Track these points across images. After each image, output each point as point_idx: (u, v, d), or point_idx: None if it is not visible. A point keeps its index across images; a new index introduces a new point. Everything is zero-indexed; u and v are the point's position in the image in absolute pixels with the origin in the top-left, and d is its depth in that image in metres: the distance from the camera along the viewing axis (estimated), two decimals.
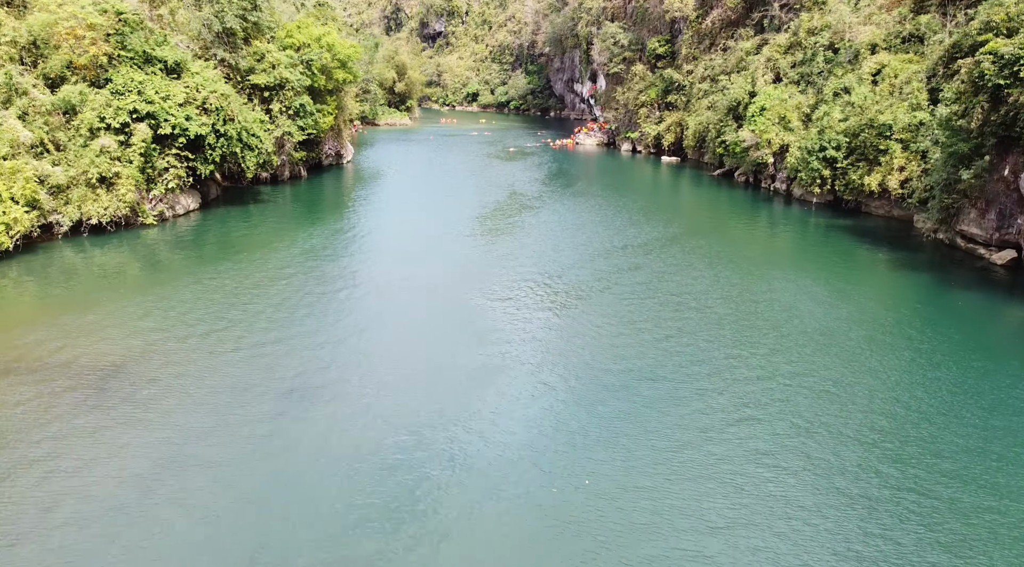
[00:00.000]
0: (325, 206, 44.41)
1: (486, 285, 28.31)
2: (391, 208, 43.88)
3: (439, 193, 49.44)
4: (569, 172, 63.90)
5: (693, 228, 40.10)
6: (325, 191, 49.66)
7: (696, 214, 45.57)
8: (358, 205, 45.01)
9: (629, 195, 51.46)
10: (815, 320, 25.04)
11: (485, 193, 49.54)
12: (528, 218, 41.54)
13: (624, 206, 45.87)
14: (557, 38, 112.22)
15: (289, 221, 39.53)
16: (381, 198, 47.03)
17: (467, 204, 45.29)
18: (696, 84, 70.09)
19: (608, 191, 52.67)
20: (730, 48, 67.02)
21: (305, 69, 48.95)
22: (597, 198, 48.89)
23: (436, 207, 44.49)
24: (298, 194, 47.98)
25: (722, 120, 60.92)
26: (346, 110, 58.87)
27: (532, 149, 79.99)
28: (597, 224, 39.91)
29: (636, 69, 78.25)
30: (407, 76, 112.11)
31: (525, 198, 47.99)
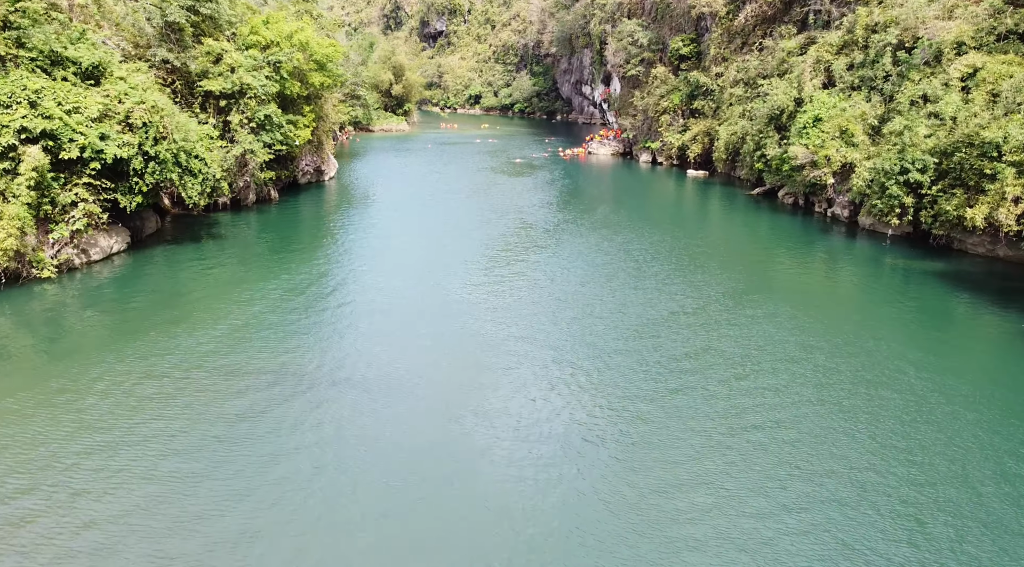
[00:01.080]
0: (294, 242, 35.54)
1: (488, 400, 19.42)
2: (374, 246, 34.99)
3: (434, 223, 40.54)
4: (585, 191, 54.96)
5: (753, 278, 31.16)
6: (297, 220, 40.76)
7: (749, 254, 36.62)
8: (335, 241, 36.13)
9: (660, 225, 42.53)
10: (931, 410, 16.15)
11: (489, 223, 40.63)
12: (542, 262, 32.64)
13: (658, 244, 36.92)
14: (566, 37, 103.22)
15: (244, 266, 30.66)
16: (363, 231, 38.15)
17: (467, 240, 36.40)
18: (727, 89, 61.16)
19: (634, 219, 43.75)
20: (767, 48, 58.07)
21: (272, 72, 40.09)
22: (623, 230, 39.95)
23: (429, 244, 35.59)
24: (264, 224, 39.12)
25: (762, 131, 52.02)
26: (327, 119, 50.04)
27: (540, 161, 71.07)
28: (630, 274, 30.96)
29: (657, 71, 69.29)
30: (405, 78, 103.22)
31: (537, 231, 39.06)
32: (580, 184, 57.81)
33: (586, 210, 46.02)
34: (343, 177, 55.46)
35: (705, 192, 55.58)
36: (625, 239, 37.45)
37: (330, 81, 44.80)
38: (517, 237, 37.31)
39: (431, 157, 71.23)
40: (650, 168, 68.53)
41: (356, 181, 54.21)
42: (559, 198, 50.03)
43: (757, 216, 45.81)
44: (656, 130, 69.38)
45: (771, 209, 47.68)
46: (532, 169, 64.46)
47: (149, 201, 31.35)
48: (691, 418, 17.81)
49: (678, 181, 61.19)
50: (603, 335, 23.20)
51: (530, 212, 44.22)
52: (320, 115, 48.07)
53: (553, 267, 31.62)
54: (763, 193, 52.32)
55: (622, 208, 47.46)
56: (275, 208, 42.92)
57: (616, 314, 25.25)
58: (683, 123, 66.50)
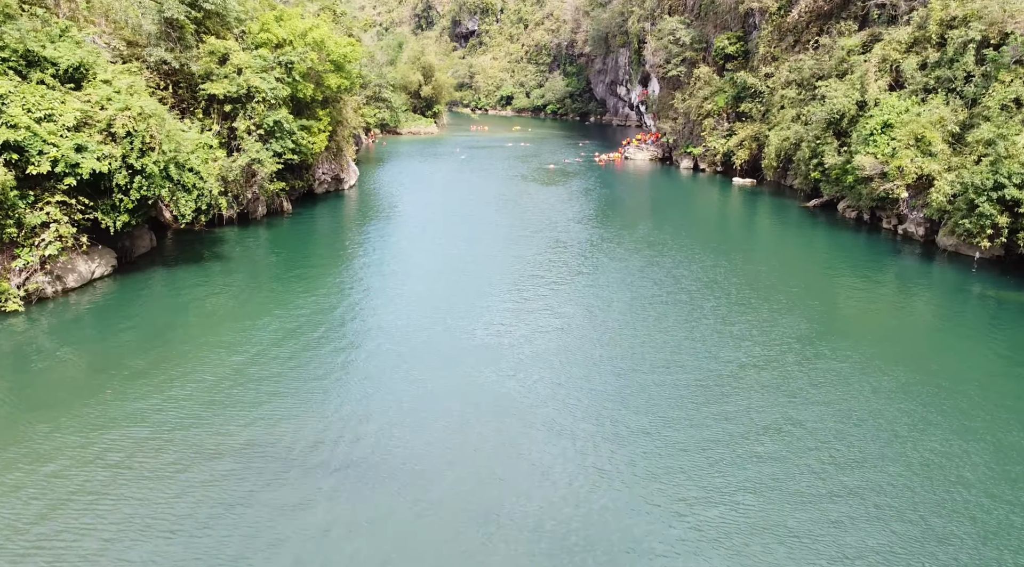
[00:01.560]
0: (300, 265, 31.75)
1: (512, 501, 15.22)
2: (389, 269, 31.02)
3: (458, 241, 36.47)
4: (624, 203, 50.47)
5: (826, 314, 26.53)
6: (308, 237, 36.97)
7: (816, 282, 31.94)
8: (346, 264, 32.26)
9: (711, 244, 37.95)
10: None
11: (519, 242, 36.45)
12: (579, 293, 28.37)
13: (711, 269, 32.41)
14: (601, 36, 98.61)
15: (241, 296, 26.89)
16: (379, 251, 34.23)
17: (495, 263, 32.27)
18: (778, 90, 56.18)
19: (681, 237, 39.22)
20: (824, 46, 53.01)
21: (284, 74, 36.31)
22: (670, 251, 35.48)
23: (452, 268, 31.53)
24: (272, 241, 35.41)
25: (819, 137, 47.08)
26: (347, 124, 46.25)
27: (574, 167, 66.66)
28: (683, 311, 26.50)
29: (700, 71, 64.44)
30: (434, 79, 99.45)
31: (572, 253, 34.77)
32: (618, 194, 53.33)
33: (626, 226, 41.57)
34: (364, 185, 51.67)
35: (755, 203, 50.76)
36: (673, 263, 32.99)
37: (347, 83, 40.90)
38: (550, 260, 33.06)
39: (459, 162, 67.25)
40: (691, 175, 63.77)
41: (377, 190, 50.40)
42: (596, 211, 45.64)
43: (816, 232, 40.98)
44: (698, 134, 64.55)
45: (831, 224, 42.79)
46: (566, 176, 60.12)
47: (138, 219, 27.68)
48: (781, 536, 13.41)
49: (723, 190, 56.41)
50: (656, 400, 18.83)
51: (564, 228, 39.92)
52: (339, 120, 44.27)
53: (592, 300, 27.31)
54: (820, 205, 47.37)
55: (666, 223, 42.93)
56: (287, 222, 39.19)
57: (671, 368, 20.87)
58: (728, 127, 61.60)
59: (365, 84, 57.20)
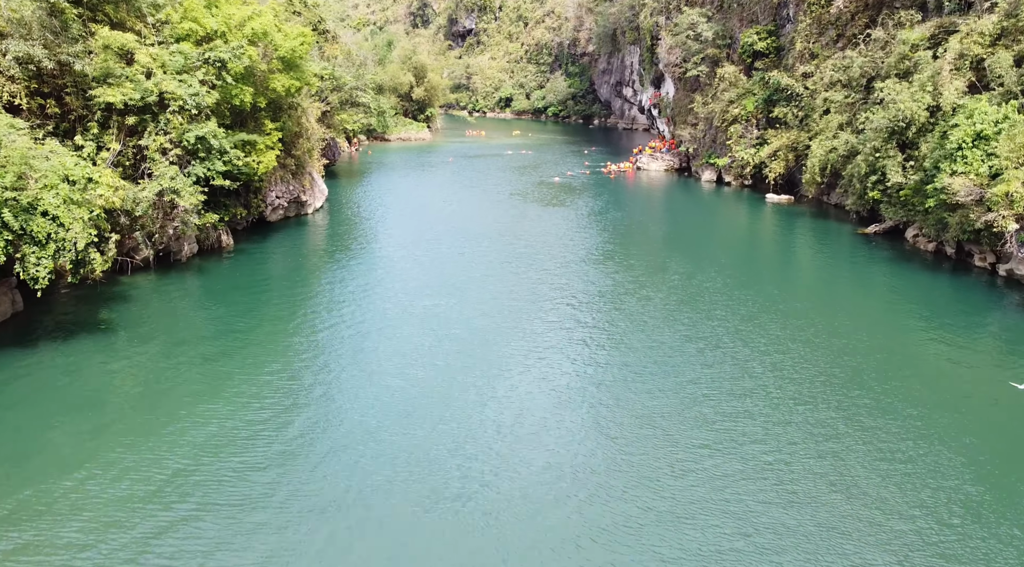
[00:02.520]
0: (241, 323, 23.26)
1: None
2: (359, 328, 22.48)
3: (441, 289, 27.92)
4: (642, 230, 41.75)
5: (944, 410, 17.99)
6: (253, 283, 28.37)
7: (898, 341, 23.35)
8: (302, 319, 23.73)
9: (762, 290, 29.34)
10: None
11: (520, 289, 27.90)
12: (596, 369, 19.78)
13: (769, 333, 23.81)
14: (608, 33, 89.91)
15: (154, 375, 18.41)
16: (345, 300, 25.71)
17: (489, 322, 23.73)
18: (819, 93, 47.58)
19: (720, 278, 30.64)
20: (877, 40, 44.42)
21: (214, 75, 27.73)
22: (708, 303, 26.90)
23: (432, 333, 22.97)
24: (204, 291, 26.89)
25: (878, 149, 38.50)
26: (309, 135, 37.62)
27: (581, 179, 58.02)
28: (736, 402, 18.00)
29: (724, 71, 55.80)
30: (427, 80, 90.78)
31: (586, 315, 26.16)
32: (634, 218, 44.66)
33: (651, 268, 32.94)
34: (334, 208, 43.03)
35: (797, 227, 42.15)
36: (718, 324, 24.37)
37: (299, 84, 32.17)
38: (558, 321, 24.46)
39: (451, 175, 58.60)
40: (715, 189, 55.15)
41: (348, 215, 41.74)
42: (611, 246, 36.99)
43: (884, 269, 32.42)
44: (723, 143, 55.92)
45: (900, 258, 34.23)
46: (572, 193, 51.50)
47: None
48: None
49: (755, 209, 47.81)
50: (705, 547, 10.33)
51: (574, 270, 31.36)
52: (297, 130, 35.70)
53: (615, 382, 18.75)
54: (882, 232, 38.78)
55: (698, 259, 34.28)
56: (226, 263, 30.60)
57: (722, 497, 12.32)
58: (759, 135, 52.98)
59: (338, 86, 48.64)
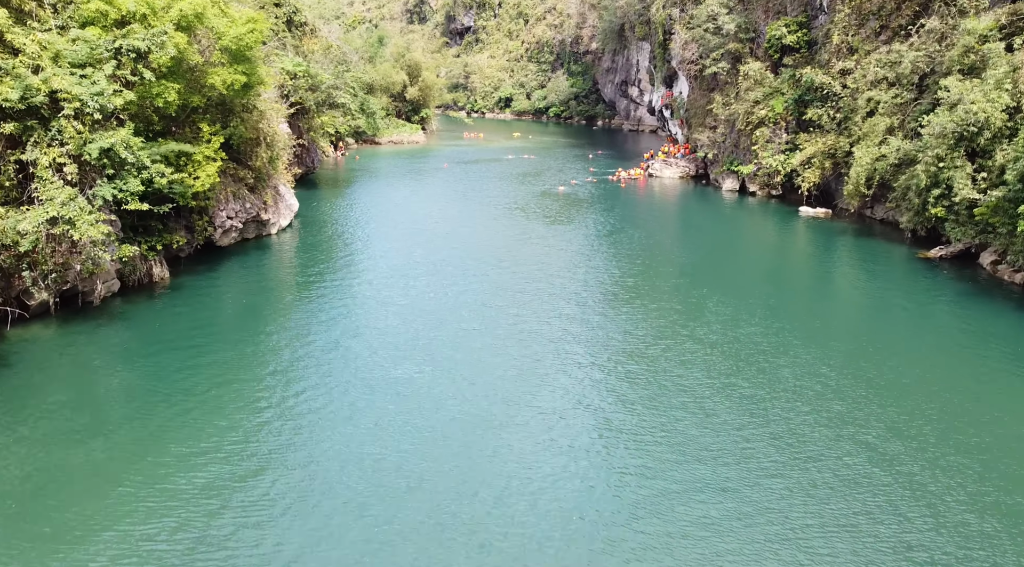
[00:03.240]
0: (164, 391, 17.17)
1: None
2: (304, 437, 16.33)
3: (429, 346, 21.80)
4: (667, 251, 35.47)
5: None
6: (179, 337, 22.11)
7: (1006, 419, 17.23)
8: (246, 383, 17.62)
9: (824, 342, 23.23)
10: None
11: (524, 349, 21.76)
12: (633, 473, 13.68)
13: (850, 404, 17.77)
14: (615, 29, 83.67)
15: (47, 472, 12.28)
16: (297, 370, 19.63)
17: (485, 404, 17.62)
18: (862, 92, 41.38)
19: (771, 321, 24.52)
20: (932, 31, 38.26)
21: (129, 69, 21.57)
22: (773, 363, 20.80)
23: (410, 429, 16.87)
24: (119, 345, 20.81)
25: (942, 157, 32.40)
26: (271, 142, 31.38)
27: (588, 188, 51.83)
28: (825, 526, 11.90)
29: (748, 68, 49.61)
30: (421, 79, 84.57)
31: (614, 373, 20.07)
32: (654, 237, 38.46)
33: (684, 305, 26.77)
34: (304, 227, 36.79)
35: (842, 247, 35.99)
36: (785, 403, 18.23)
37: (244, 79, 25.84)
38: (577, 400, 18.35)
39: (445, 184, 52.41)
40: (738, 200, 48.99)
41: (320, 237, 35.49)
42: (631, 274, 30.78)
43: (960, 304, 26.38)
44: (747, 148, 49.73)
45: (977, 290, 28.14)
46: (579, 206, 45.33)
47: None
48: None
49: (788, 224, 41.63)
50: None
51: (590, 315, 25.19)
52: (254, 137, 29.51)
53: (663, 497, 12.63)
54: (950, 256, 32.60)
55: (738, 293, 28.09)
56: (157, 303, 24.40)
57: None
58: (789, 139, 46.81)
59: (315, 85, 42.47)
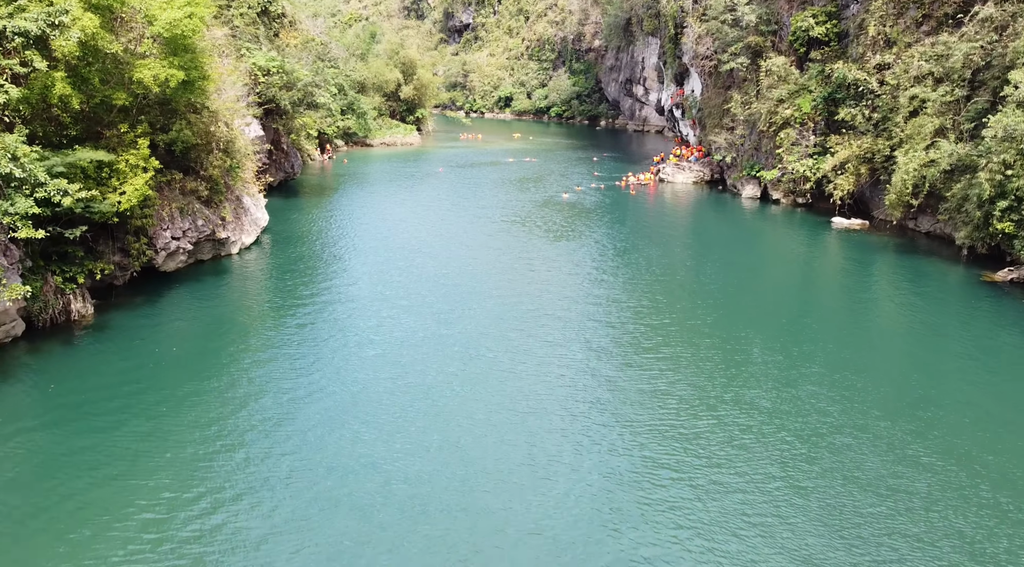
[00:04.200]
0: (36, 505, 12.47)
1: None
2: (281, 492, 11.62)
3: (415, 418, 17.11)
4: (692, 274, 30.57)
5: None
6: (90, 400, 17.40)
7: None
8: (182, 466, 12.90)
9: (894, 407, 18.49)
10: None
11: (514, 425, 17.02)
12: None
13: None
14: (620, 24, 78.78)
15: None
16: (243, 450, 14.90)
17: (486, 498, 12.89)
18: (904, 89, 36.58)
19: (832, 370, 19.77)
20: (986, 20, 33.46)
21: (20, 58, 16.85)
22: (848, 426, 16.03)
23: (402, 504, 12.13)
24: (21, 407, 16.09)
25: (1010, 164, 27.69)
26: (228, 148, 26.58)
27: (595, 196, 47.05)
28: None
29: (771, 63, 44.80)
30: (416, 77, 79.74)
31: (645, 449, 15.36)
32: (675, 256, 33.70)
33: (724, 352, 22.00)
34: (274, 244, 31.99)
35: (888, 265, 31.22)
36: (864, 483, 13.50)
37: (180, 75, 20.92)
38: (584, 501, 13.63)
39: (439, 191, 47.62)
40: (759, 208, 44.21)
41: (289, 257, 30.59)
42: (654, 309, 25.98)
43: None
44: (770, 151, 44.93)
45: None
46: (587, 217, 40.53)
47: None
48: None
49: (820, 237, 36.85)
50: None
51: (606, 363, 20.45)
52: (205, 142, 24.72)
53: None
54: (1021, 281, 27.80)
55: (784, 330, 23.32)
56: (75, 347, 19.66)
57: None
58: (818, 142, 42.02)
59: (287, 85, 37.65)
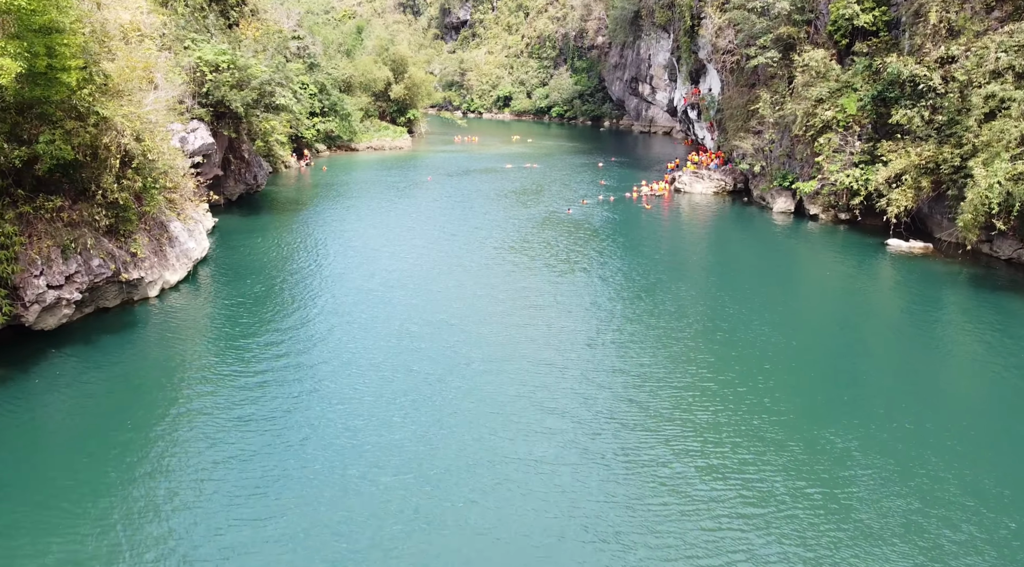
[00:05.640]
0: None
1: None
2: None
3: None
4: (732, 325, 24.10)
5: None
6: None
7: None
8: None
9: None
10: None
11: None
12: None
13: None
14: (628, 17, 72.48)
15: None
16: None
17: None
18: (974, 87, 30.35)
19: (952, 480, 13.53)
20: None
21: None
22: None
23: None
24: None
25: None
26: (141, 161, 20.38)
27: (604, 210, 40.77)
28: None
29: (808, 57, 38.53)
30: (407, 75, 73.46)
31: None
32: (706, 290, 27.43)
33: (807, 459, 15.77)
34: (214, 278, 25.72)
35: (960, 299, 24.99)
36: None
37: (15, 67, 14.50)
38: None
39: (426, 206, 41.35)
40: (793, 223, 37.98)
41: (226, 297, 24.17)
42: (691, 379, 19.79)
43: None
44: (807, 159, 38.66)
45: None
46: (595, 240, 34.28)
47: None
48: None
49: (876, 262, 30.63)
50: None
51: (653, 480, 14.24)
52: (105, 157, 18.51)
53: None
54: None
55: (874, 406, 17.08)
56: None
57: None
58: (865, 148, 35.75)
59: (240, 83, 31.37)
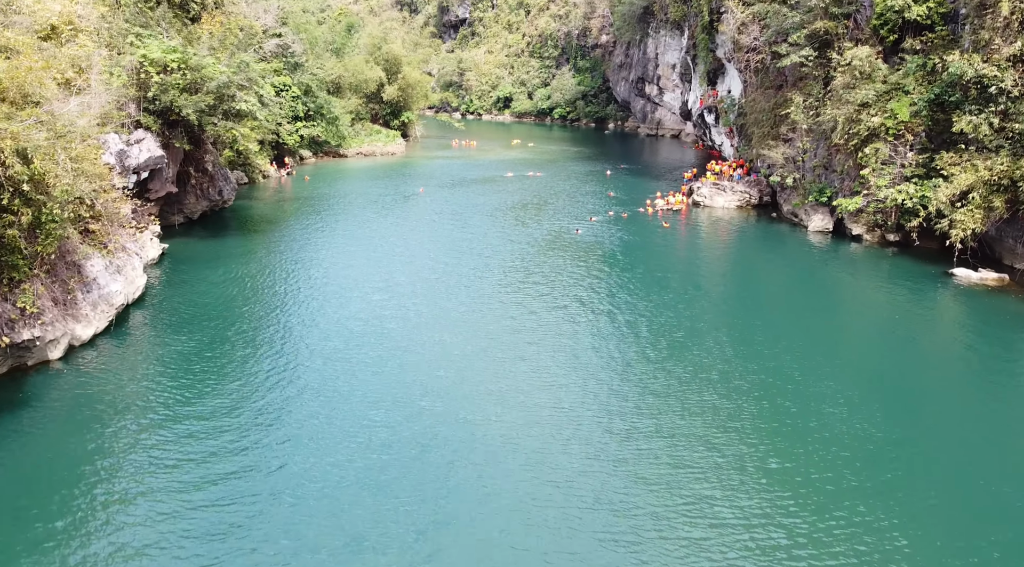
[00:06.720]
0: None
1: None
2: None
3: None
4: (782, 380, 19.21)
5: None
6: None
7: None
8: None
9: None
10: None
11: None
12: None
13: None
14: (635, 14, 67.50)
15: None
16: None
17: None
18: None
19: None
20: None
21: None
22: None
23: None
24: None
25: None
26: (31, 191, 15.67)
27: (616, 229, 35.84)
28: None
29: (852, 54, 33.61)
30: (401, 76, 68.54)
31: None
32: (747, 336, 22.52)
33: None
34: (148, 326, 20.88)
35: None
36: None
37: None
38: None
39: (415, 225, 36.42)
40: (832, 244, 33.11)
41: (156, 354, 19.29)
42: (765, 492, 14.94)
43: None
44: (848, 171, 33.78)
45: None
46: (608, 268, 29.39)
47: None
48: None
49: (933, 293, 25.78)
50: None
51: None
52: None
53: None
54: None
55: None
56: None
57: None
58: (919, 160, 30.84)
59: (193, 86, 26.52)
